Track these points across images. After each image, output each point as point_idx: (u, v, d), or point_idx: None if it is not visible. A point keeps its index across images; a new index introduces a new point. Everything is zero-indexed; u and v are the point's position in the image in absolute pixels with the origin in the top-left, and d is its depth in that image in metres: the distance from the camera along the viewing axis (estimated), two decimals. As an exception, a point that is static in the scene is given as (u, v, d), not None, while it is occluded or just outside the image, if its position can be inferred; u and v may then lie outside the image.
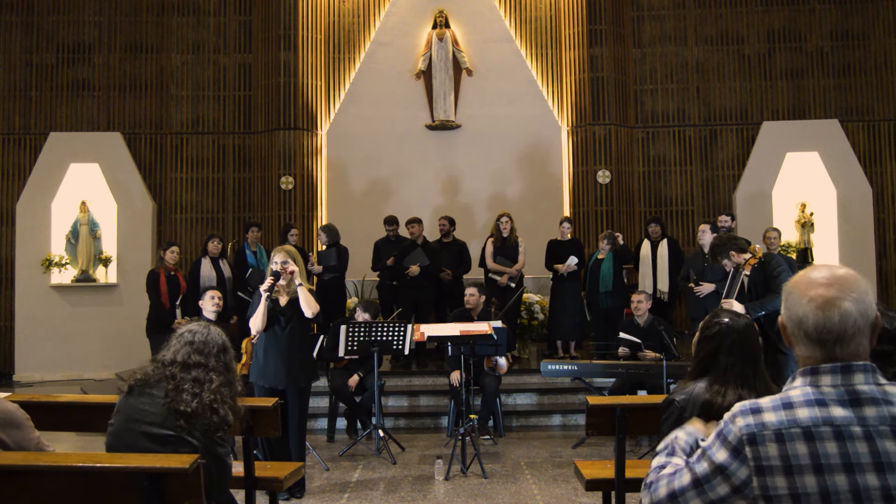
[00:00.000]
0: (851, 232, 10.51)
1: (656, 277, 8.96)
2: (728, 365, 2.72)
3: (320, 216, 10.87)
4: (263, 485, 4.05)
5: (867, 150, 10.99)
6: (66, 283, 10.57)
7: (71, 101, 11.12)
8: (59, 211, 10.59)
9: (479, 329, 6.23)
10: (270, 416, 3.98)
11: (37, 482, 2.77)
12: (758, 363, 2.75)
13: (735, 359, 2.73)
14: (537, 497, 5.29)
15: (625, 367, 6.68)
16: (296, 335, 5.17)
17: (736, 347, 2.74)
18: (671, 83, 11.27)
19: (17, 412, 2.91)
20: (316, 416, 7.38)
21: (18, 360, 10.49)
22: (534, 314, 9.38)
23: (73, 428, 4.78)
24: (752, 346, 2.77)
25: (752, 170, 10.81)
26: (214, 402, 2.87)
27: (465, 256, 8.95)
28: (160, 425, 2.83)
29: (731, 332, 2.76)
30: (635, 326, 7.17)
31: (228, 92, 11.28)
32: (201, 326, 3.09)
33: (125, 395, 2.94)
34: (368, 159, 11.01)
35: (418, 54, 11.07)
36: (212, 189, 11.21)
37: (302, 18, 10.83)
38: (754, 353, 2.75)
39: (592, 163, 10.67)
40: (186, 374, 2.91)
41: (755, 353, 2.75)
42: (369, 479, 5.80)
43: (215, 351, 3.01)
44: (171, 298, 8.03)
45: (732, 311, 2.93)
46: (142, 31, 11.23)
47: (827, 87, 11.15)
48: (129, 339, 9.50)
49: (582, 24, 10.78)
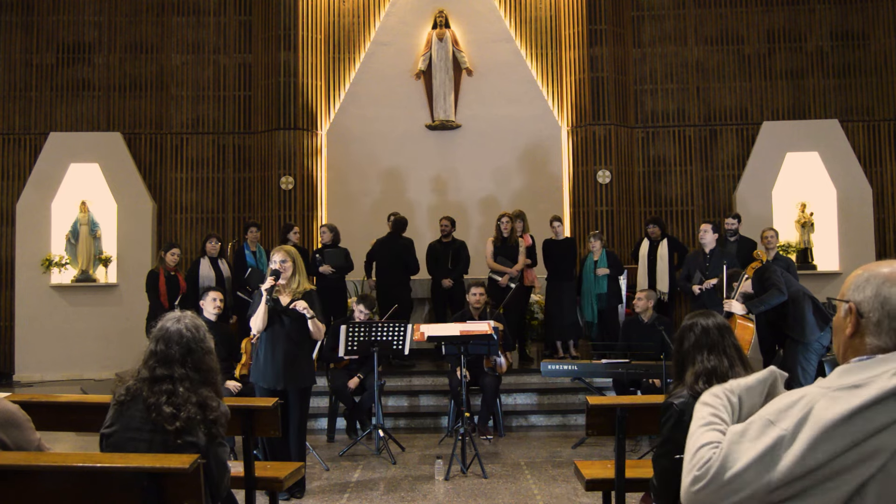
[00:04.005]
0: (851, 232, 10.51)
1: (655, 277, 8.97)
2: (700, 360, 2.79)
3: (320, 216, 10.87)
4: (263, 485, 4.06)
5: (867, 150, 10.99)
6: (66, 283, 10.57)
7: (71, 101, 11.12)
8: (59, 211, 10.59)
9: (478, 329, 6.24)
10: (270, 416, 3.97)
11: (37, 482, 2.76)
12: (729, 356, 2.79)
13: (705, 354, 2.79)
14: (537, 497, 5.29)
15: (625, 367, 6.68)
16: (296, 335, 5.18)
17: (703, 342, 2.80)
18: (671, 83, 11.27)
19: (17, 412, 2.90)
20: (316, 416, 7.38)
21: (18, 360, 10.49)
22: (533, 314, 9.40)
23: (73, 428, 4.78)
24: (722, 340, 2.81)
25: (752, 170, 10.81)
26: (198, 413, 2.80)
27: (464, 256, 8.97)
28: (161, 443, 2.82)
29: (695, 328, 2.84)
30: (639, 324, 7.18)
31: (228, 92, 11.28)
32: (169, 323, 2.95)
33: (118, 406, 2.88)
34: (368, 159, 11.01)
35: (418, 54, 11.07)
36: (212, 189, 11.21)
37: (302, 18, 10.83)
38: (722, 346, 2.81)
39: (592, 163, 10.67)
40: (158, 387, 2.83)
41: (724, 346, 2.81)
42: (369, 479, 5.80)
43: (178, 356, 2.87)
44: (171, 298, 8.05)
45: (704, 311, 3.00)
46: (142, 31, 11.23)
47: (827, 87, 11.15)
48: (129, 339, 9.50)
49: (582, 24, 10.78)
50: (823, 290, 10.02)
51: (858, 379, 1.49)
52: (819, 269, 10.43)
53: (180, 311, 3.05)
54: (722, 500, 1.49)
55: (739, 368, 2.75)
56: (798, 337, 6.17)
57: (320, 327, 5.21)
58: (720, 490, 1.49)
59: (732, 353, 2.80)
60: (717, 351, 2.78)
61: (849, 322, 1.59)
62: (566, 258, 8.87)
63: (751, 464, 1.47)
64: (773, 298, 6.17)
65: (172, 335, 2.91)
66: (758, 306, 6.22)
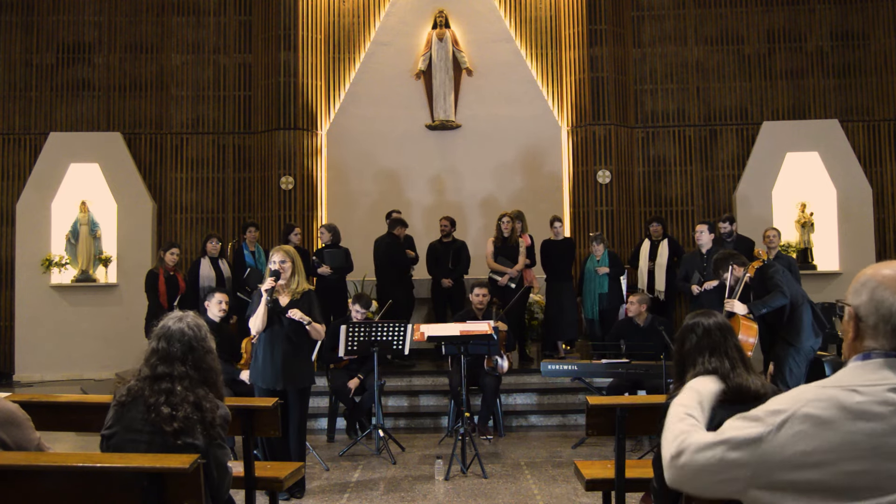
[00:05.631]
0: (851, 232, 10.51)
1: (655, 277, 8.97)
2: (701, 362, 2.73)
3: (320, 216, 10.87)
4: (263, 485, 4.06)
5: (867, 150, 10.99)
6: (66, 283, 10.57)
7: (71, 101, 11.12)
8: (59, 211, 10.59)
9: (478, 329, 6.24)
10: (270, 416, 3.97)
11: (37, 482, 2.76)
12: (731, 356, 2.76)
13: (706, 355, 2.74)
14: (537, 497, 5.29)
15: (625, 367, 6.68)
16: (295, 336, 5.17)
17: (704, 342, 2.76)
18: (671, 83, 11.27)
19: (17, 412, 2.90)
20: (316, 416, 7.38)
21: (18, 360, 10.49)
22: (534, 314, 9.40)
23: (73, 428, 4.77)
24: (724, 340, 2.78)
25: (752, 170, 10.81)
26: (194, 413, 2.80)
27: (464, 256, 8.97)
28: (161, 444, 2.82)
29: (696, 328, 2.79)
30: (635, 327, 7.18)
31: (228, 92, 11.28)
32: (171, 322, 2.96)
33: (119, 407, 2.88)
34: (368, 159, 11.01)
35: (418, 54, 11.07)
36: (212, 189, 11.21)
37: (302, 18, 10.83)
38: (724, 348, 2.76)
39: (592, 163, 10.67)
40: (158, 386, 2.83)
41: (725, 348, 2.76)
42: (369, 479, 5.80)
43: (180, 354, 2.88)
44: (170, 299, 8.04)
45: (705, 311, 2.96)
46: (142, 31, 11.23)
47: (827, 87, 11.15)
48: (129, 339, 9.49)
49: (582, 24, 10.78)
50: (824, 290, 10.03)
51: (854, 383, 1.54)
52: (819, 269, 10.43)
53: (181, 311, 3.05)
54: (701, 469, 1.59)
55: (741, 370, 2.73)
56: (793, 340, 6.12)
57: (319, 329, 5.21)
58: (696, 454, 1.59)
59: (734, 354, 2.78)
60: (718, 352, 2.76)
61: (850, 326, 1.62)
62: (564, 258, 8.88)
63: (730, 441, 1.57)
64: (776, 301, 6.09)
65: (174, 333, 2.91)
66: (759, 308, 6.13)
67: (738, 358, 2.77)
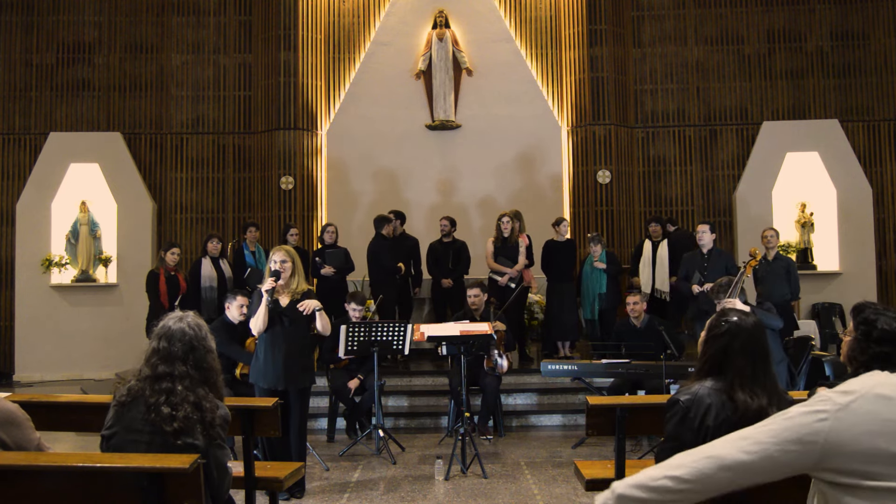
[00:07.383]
0: (851, 232, 10.50)
1: (655, 277, 8.97)
2: (743, 365, 2.63)
3: (320, 216, 10.87)
4: (263, 485, 4.05)
5: (867, 150, 10.99)
6: (66, 283, 10.57)
7: (71, 101, 11.12)
8: (59, 211, 10.59)
9: (478, 329, 6.23)
10: (270, 416, 3.98)
11: (37, 482, 2.76)
12: (767, 361, 2.70)
13: (748, 359, 2.64)
14: (537, 497, 5.29)
15: (625, 367, 6.68)
16: (296, 336, 5.18)
17: (749, 347, 2.65)
18: (671, 83, 11.27)
19: (17, 412, 2.90)
20: (316, 416, 7.38)
21: (18, 360, 10.49)
22: (533, 314, 9.40)
23: (73, 428, 4.78)
24: (763, 345, 2.69)
25: (752, 170, 10.80)
26: (194, 413, 2.80)
27: (464, 257, 8.96)
28: (161, 445, 2.82)
29: (741, 332, 2.66)
30: (632, 328, 7.17)
31: (228, 92, 11.28)
32: (172, 321, 2.96)
33: (119, 407, 2.88)
34: (368, 159, 11.01)
35: (418, 54, 11.07)
36: (212, 189, 11.21)
37: (302, 18, 10.83)
38: (764, 352, 2.68)
39: (592, 163, 10.67)
40: (159, 385, 2.83)
41: (765, 352, 2.69)
42: (369, 479, 5.80)
43: (181, 353, 2.88)
44: (170, 299, 8.05)
45: (740, 309, 2.83)
46: (142, 31, 11.23)
47: (827, 87, 11.15)
48: (129, 339, 9.49)
49: (582, 24, 10.78)
50: (824, 290, 10.05)
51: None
52: (819, 269, 10.43)
53: (181, 311, 3.05)
54: None
55: (769, 370, 2.69)
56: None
57: (327, 321, 5.23)
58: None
59: (767, 355, 2.72)
60: (759, 356, 2.68)
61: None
62: (567, 259, 8.88)
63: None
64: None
65: (175, 333, 2.92)
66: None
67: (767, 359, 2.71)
